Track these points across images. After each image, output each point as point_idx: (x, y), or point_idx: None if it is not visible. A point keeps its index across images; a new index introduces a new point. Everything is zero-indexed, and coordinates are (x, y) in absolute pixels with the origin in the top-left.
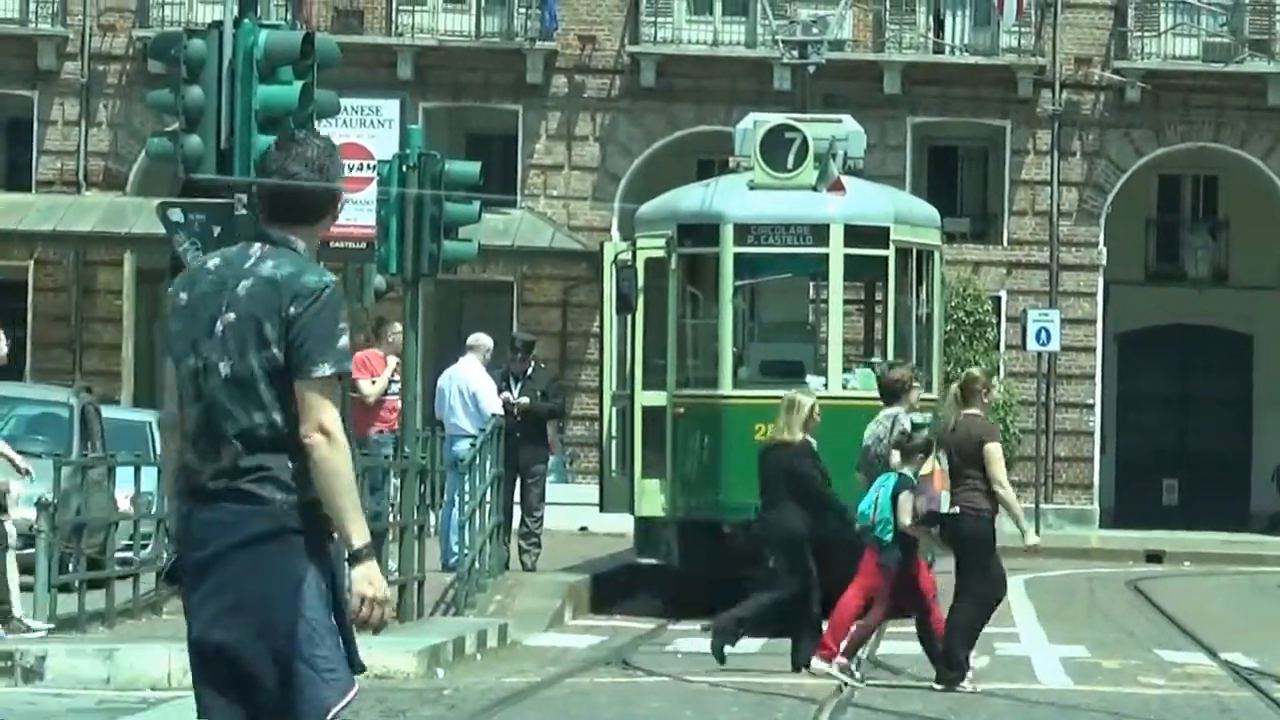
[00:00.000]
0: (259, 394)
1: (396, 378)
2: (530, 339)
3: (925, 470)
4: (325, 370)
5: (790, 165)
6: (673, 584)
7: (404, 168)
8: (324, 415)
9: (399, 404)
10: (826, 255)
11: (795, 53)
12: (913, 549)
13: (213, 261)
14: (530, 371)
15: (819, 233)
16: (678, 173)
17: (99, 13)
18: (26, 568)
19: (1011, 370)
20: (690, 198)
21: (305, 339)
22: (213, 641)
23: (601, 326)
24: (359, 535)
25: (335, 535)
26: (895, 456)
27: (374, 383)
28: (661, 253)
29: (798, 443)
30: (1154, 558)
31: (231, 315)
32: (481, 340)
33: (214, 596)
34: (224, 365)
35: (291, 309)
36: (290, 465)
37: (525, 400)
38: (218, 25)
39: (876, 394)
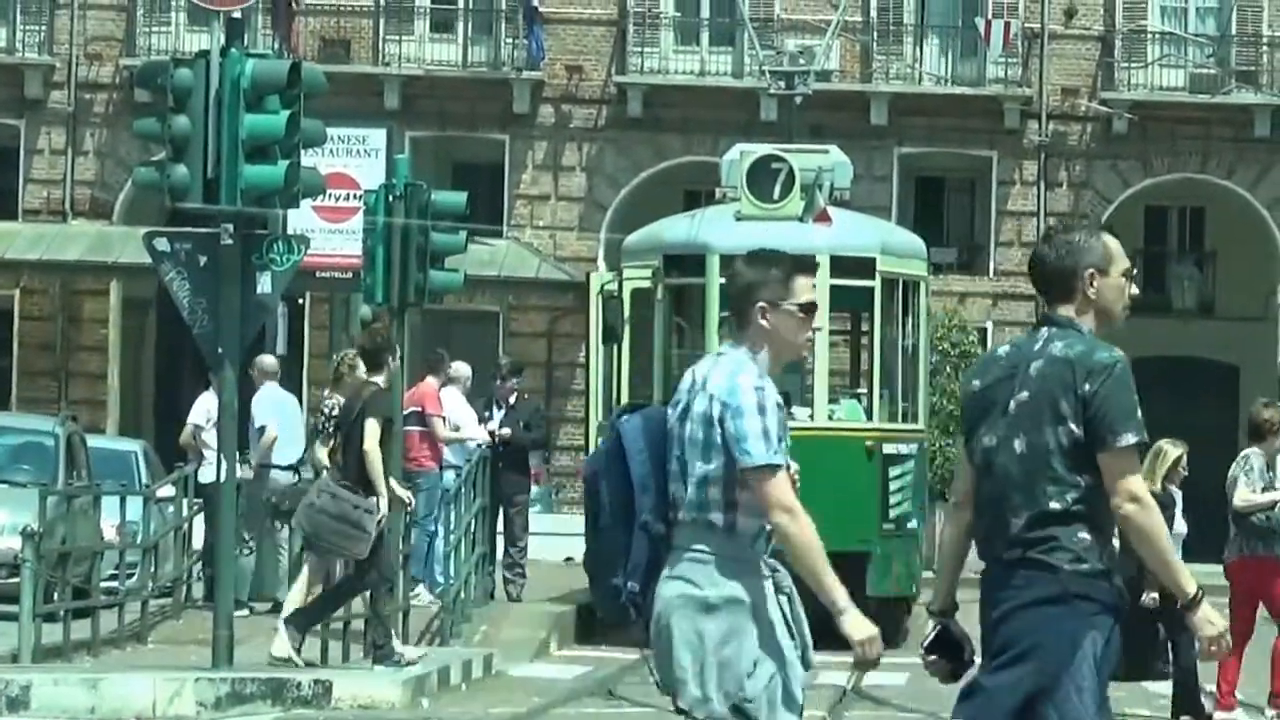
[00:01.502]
0: (1051, 468)
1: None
2: (515, 364)
3: None
4: (1129, 439)
5: (777, 196)
6: None
7: (390, 197)
8: (1133, 484)
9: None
10: (812, 286)
11: (782, 83)
12: None
13: (1003, 350)
14: (514, 401)
15: None
16: (664, 203)
17: (86, 42)
18: (10, 597)
19: None
20: (677, 228)
21: (1105, 412)
22: (991, 686)
23: (587, 357)
24: (1189, 585)
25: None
26: (1240, 491)
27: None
28: (648, 283)
29: (1158, 493)
30: None
31: (1024, 394)
32: (461, 370)
33: (998, 652)
34: (1018, 441)
35: (1087, 385)
36: (1080, 536)
37: (508, 431)
38: (204, 54)
39: (862, 425)
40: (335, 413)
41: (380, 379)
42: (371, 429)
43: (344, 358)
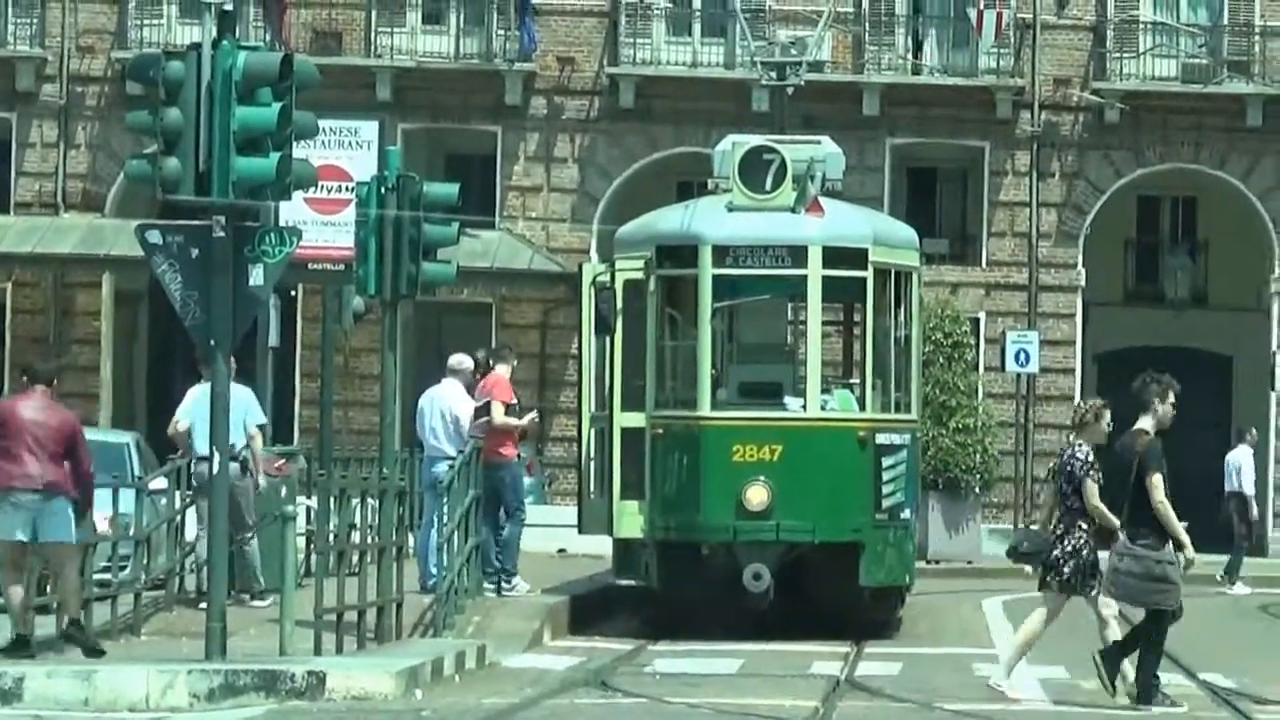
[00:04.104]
0: None
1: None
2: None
3: None
4: None
5: (769, 187)
6: (651, 605)
7: (382, 189)
8: None
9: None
10: (805, 277)
11: (774, 74)
12: None
13: None
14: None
15: (797, 254)
16: (657, 194)
17: (77, 34)
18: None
19: (990, 392)
20: (669, 219)
21: None
22: None
23: (580, 348)
24: None
25: None
26: None
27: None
28: (640, 274)
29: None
30: None
31: None
32: (464, 363)
33: None
34: None
35: None
36: None
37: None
38: (196, 47)
39: (855, 415)
40: (1091, 458)
41: (1148, 423)
42: (1156, 482)
43: (1092, 406)
